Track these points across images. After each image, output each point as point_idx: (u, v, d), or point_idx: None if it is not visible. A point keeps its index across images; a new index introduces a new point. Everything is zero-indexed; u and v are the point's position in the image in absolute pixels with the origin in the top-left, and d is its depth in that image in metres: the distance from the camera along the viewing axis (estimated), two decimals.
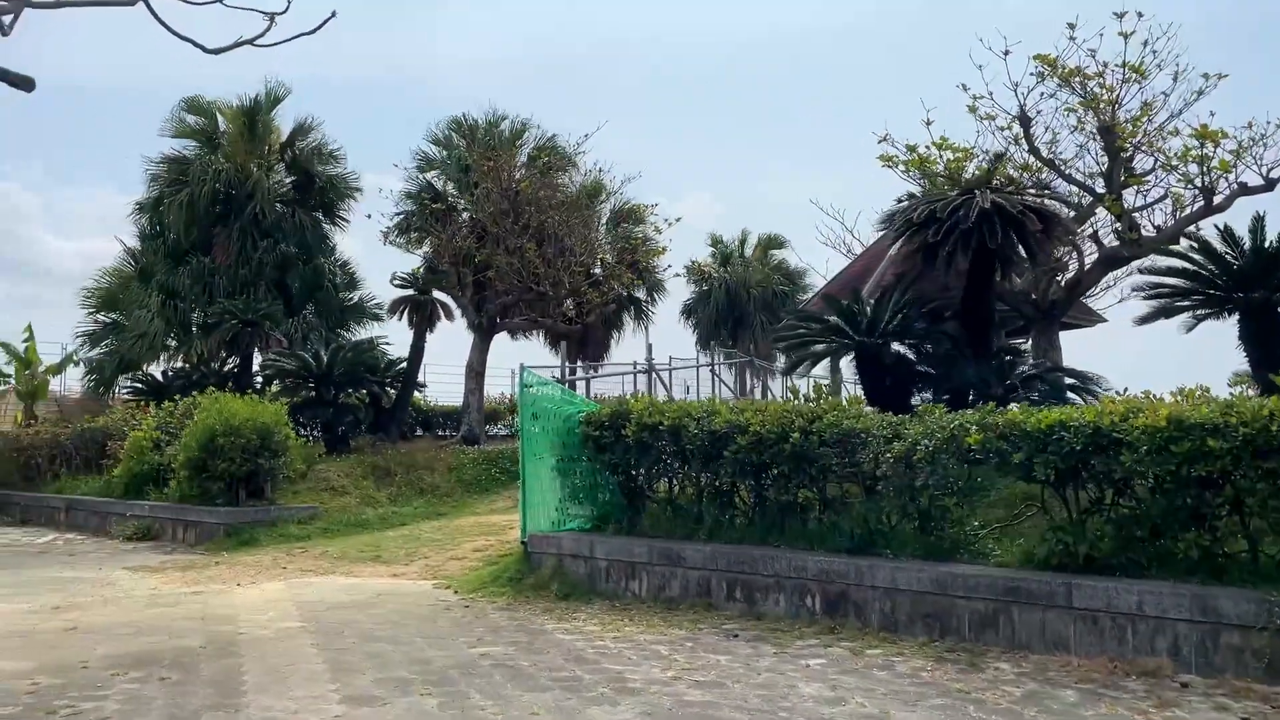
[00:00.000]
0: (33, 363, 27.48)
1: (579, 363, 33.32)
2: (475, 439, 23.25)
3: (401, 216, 26.19)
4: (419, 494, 18.27)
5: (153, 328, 25.24)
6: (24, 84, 4.40)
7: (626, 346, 37.49)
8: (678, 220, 27.02)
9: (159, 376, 25.01)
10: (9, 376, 27.79)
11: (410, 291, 23.16)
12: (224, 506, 15.92)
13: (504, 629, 8.63)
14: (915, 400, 12.19)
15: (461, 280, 24.44)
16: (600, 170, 25.10)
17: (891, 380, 12.45)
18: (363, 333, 27.24)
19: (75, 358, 27.80)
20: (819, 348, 13.43)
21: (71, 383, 29.80)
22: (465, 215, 27.24)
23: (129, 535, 16.60)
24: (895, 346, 12.72)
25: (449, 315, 23.63)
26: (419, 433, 24.99)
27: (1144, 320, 12.16)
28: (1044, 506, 8.23)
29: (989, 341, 11.95)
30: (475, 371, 24.69)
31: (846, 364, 16.39)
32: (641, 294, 32.66)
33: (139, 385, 24.69)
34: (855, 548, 8.61)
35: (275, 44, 5.16)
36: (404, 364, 22.76)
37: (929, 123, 15.95)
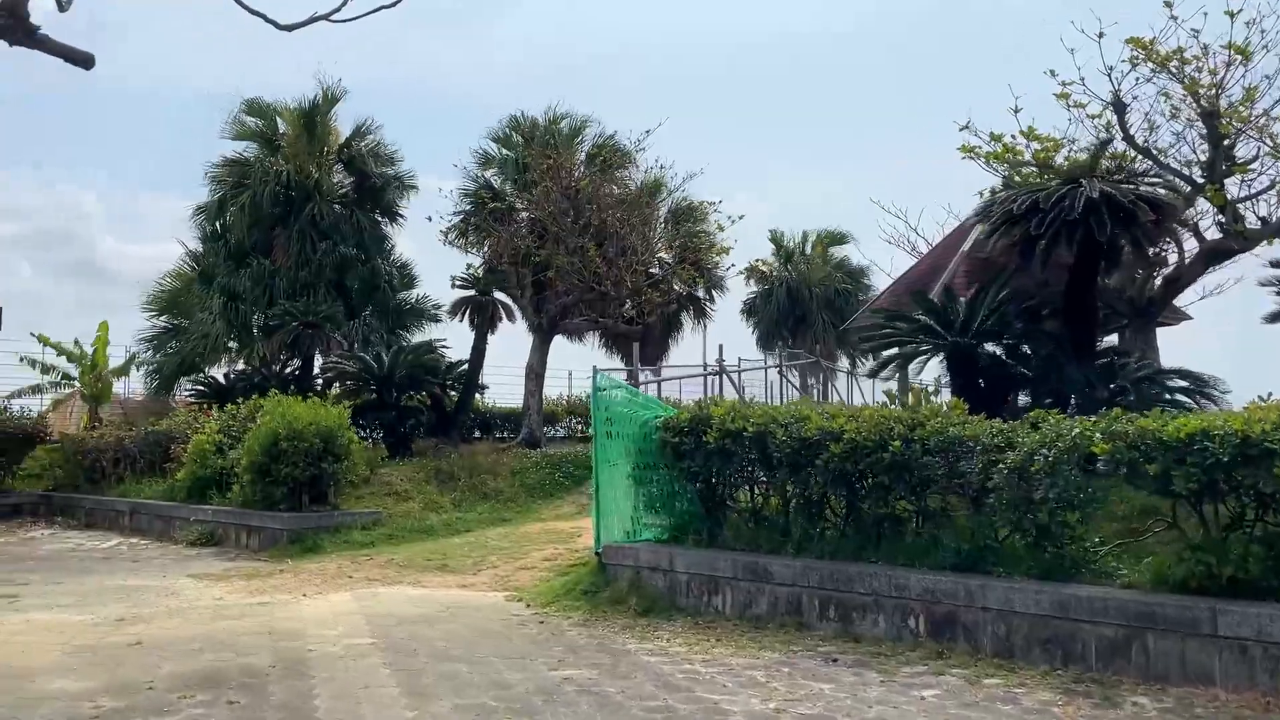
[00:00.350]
0: (99, 365, 27.64)
1: (642, 364, 32.88)
2: (536, 442, 22.86)
3: (460, 217, 25.91)
4: (482, 499, 17.89)
5: (214, 329, 25.23)
6: (84, 61, 4.00)
7: (686, 347, 36.90)
8: (741, 218, 26.12)
9: (221, 379, 24.97)
10: (73, 379, 27.98)
11: (470, 292, 22.84)
12: (287, 512, 15.65)
13: (584, 648, 8.13)
14: (1013, 404, 11.49)
15: (520, 281, 24.06)
16: (662, 168, 24.47)
17: (985, 383, 11.75)
18: (421, 335, 26.99)
19: (138, 360, 27.92)
20: (907, 348, 12.75)
21: (135, 385, 29.98)
22: (524, 215, 26.97)
23: (192, 540, 16.42)
24: (989, 347, 12.01)
25: (510, 316, 23.27)
26: (478, 435, 24.66)
27: (1275, 318, 11.28)
28: (1174, 522, 7.52)
29: (1093, 341, 11.21)
30: (535, 373, 24.30)
31: (920, 365, 15.64)
32: (701, 293, 32.10)
33: (201, 388, 24.68)
34: (962, 565, 7.98)
35: (350, 19, 4.70)
36: (464, 366, 22.45)
37: (1016, 110, 15.16)
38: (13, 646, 8.37)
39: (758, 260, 37.05)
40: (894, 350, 13.00)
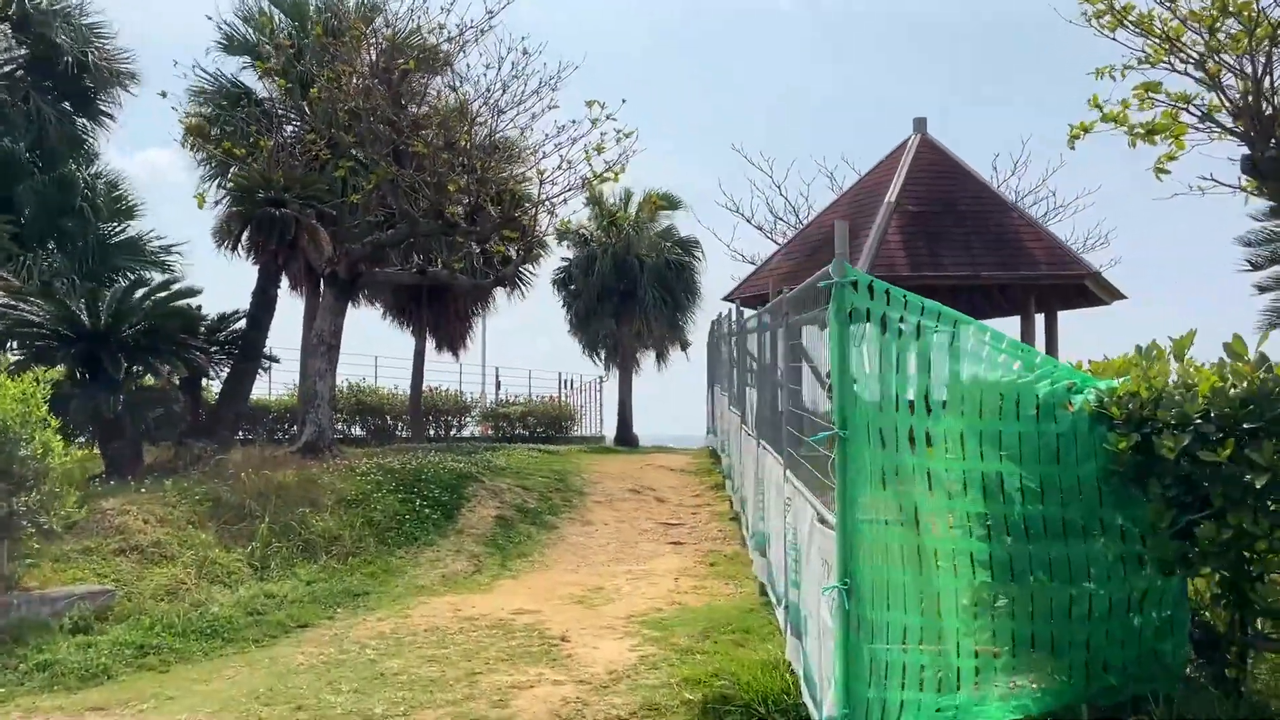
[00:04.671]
0: None
1: (440, 348, 25.14)
2: (322, 446, 14.91)
3: (213, 110, 17.35)
4: (303, 552, 10.00)
5: None
6: None
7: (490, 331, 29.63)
8: (632, 134, 17.32)
9: None
10: None
11: (239, 209, 14.42)
12: None
13: None
14: None
15: (302, 212, 15.91)
16: (525, 52, 16.64)
17: None
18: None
19: None
20: None
21: None
22: (291, 127, 18.71)
23: None
24: None
25: (314, 243, 14.98)
26: (248, 435, 16.20)
27: None
28: None
29: None
30: (327, 345, 16.18)
31: None
32: (514, 253, 24.71)
33: None
34: None
35: None
36: (240, 320, 14.04)
37: None
38: None
39: (567, 223, 30.08)
40: None
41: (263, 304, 14.39)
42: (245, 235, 13.92)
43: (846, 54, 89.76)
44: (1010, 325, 17.20)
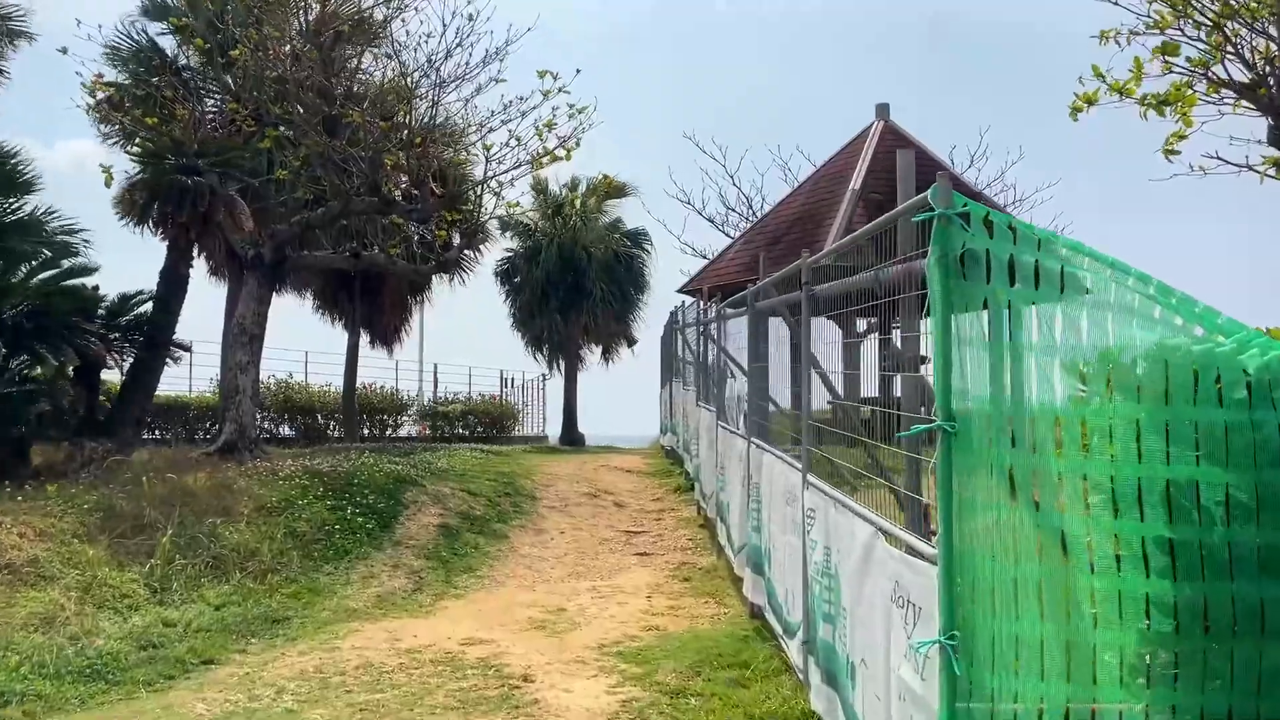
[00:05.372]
0: None
1: (375, 343, 23.59)
2: (242, 447, 13.41)
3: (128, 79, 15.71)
4: (213, 571, 8.54)
5: None
6: None
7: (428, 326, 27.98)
8: (585, 109, 15.35)
9: None
10: None
11: (145, 175, 12.80)
12: None
13: None
14: None
15: (220, 184, 14.31)
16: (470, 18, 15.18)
17: None
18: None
19: None
20: None
21: None
22: (213, 100, 17.11)
23: None
24: None
25: (233, 218, 13.37)
26: (157, 437, 14.59)
27: None
28: None
29: None
30: (249, 334, 14.64)
31: None
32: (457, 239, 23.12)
33: None
34: None
35: None
36: (146, 302, 12.45)
37: None
38: None
39: (515, 205, 28.55)
40: None
41: (172, 284, 12.77)
42: (154, 207, 12.27)
43: (794, 52, 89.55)
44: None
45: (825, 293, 5.15)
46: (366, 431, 22.38)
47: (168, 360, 12.86)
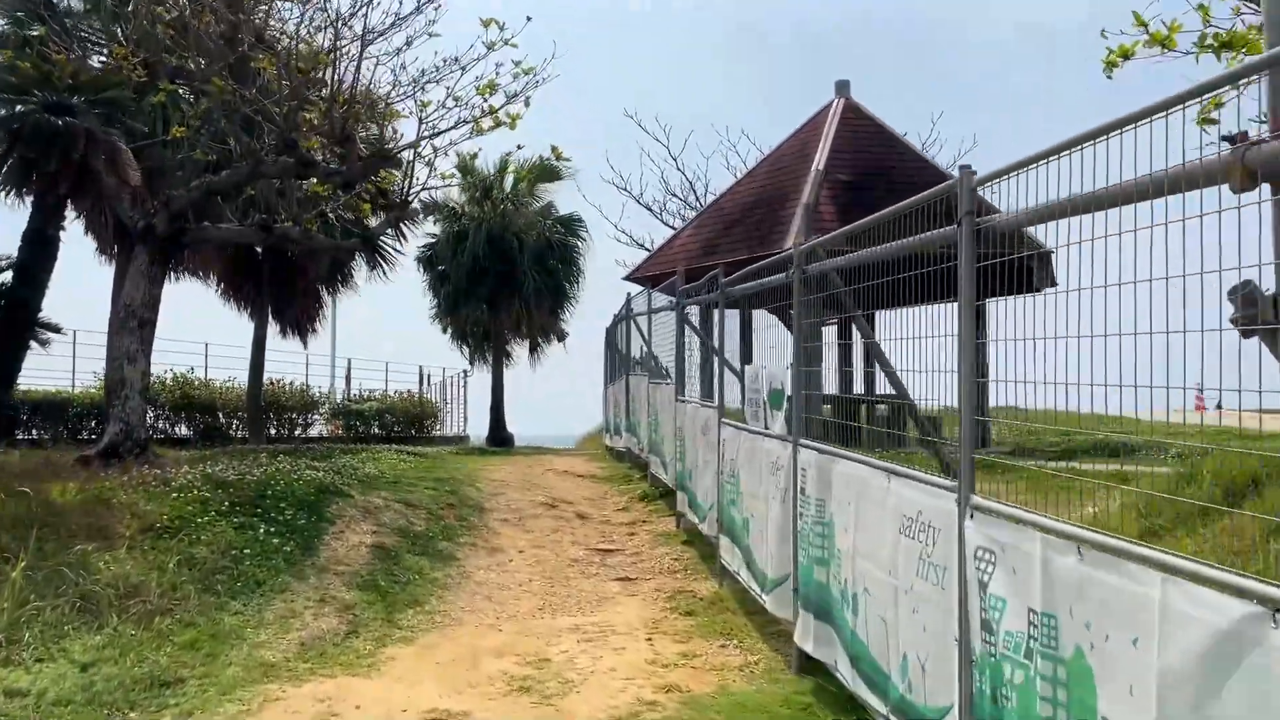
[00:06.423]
0: None
1: (286, 332, 21.25)
2: (126, 451, 11.25)
3: None
4: (81, 613, 6.47)
5: None
6: None
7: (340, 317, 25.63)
8: (533, 70, 12.97)
9: None
10: None
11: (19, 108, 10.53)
12: None
13: None
14: None
15: (101, 129, 12.03)
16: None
17: None
18: None
19: None
20: None
21: None
22: (100, 57, 14.74)
23: None
24: None
25: (112, 168, 11.10)
26: (28, 436, 12.25)
27: None
28: None
29: None
30: (139, 319, 12.41)
31: None
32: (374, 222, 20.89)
33: None
34: None
35: None
36: (3, 271, 10.20)
37: None
38: None
39: (451, 176, 26.24)
40: None
41: (39, 251, 10.46)
42: (14, 153, 9.98)
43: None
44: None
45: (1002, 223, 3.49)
46: (274, 431, 20.13)
47: (32, 343, 10.58)
